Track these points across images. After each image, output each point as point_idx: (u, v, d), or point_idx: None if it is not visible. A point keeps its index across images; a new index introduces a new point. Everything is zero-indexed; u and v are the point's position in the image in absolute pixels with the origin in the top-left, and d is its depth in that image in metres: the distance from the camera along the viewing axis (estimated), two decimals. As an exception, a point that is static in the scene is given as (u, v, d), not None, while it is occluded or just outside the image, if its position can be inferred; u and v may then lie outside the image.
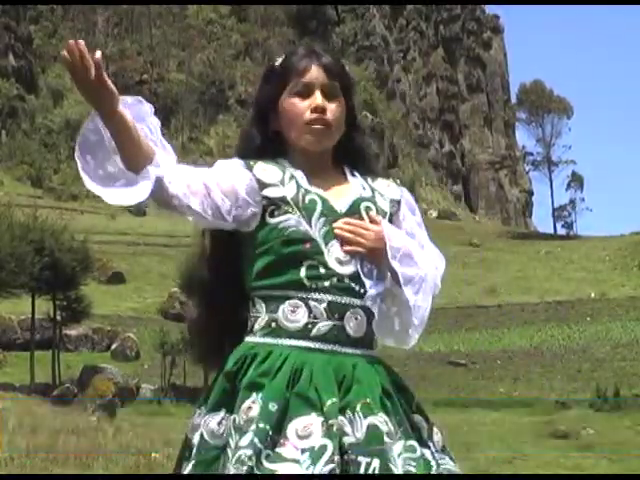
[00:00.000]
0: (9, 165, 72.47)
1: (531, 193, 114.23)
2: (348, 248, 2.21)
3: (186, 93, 63.52)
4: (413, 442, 2.19)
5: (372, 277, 2.27)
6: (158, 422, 21.07)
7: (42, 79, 63.88)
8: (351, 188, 2.34)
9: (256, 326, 2.29)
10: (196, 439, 2.20)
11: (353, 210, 2.28)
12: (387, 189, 2.38)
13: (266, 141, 2.37)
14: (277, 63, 2.39)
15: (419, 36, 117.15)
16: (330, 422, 2.11)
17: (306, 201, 2.27)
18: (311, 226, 2.25)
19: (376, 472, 2.11)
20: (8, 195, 60.14)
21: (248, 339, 2.27)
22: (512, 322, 48.36)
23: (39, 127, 71.41)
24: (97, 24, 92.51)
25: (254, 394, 2.16)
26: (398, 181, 2.43)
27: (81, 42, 2.17)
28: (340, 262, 2.26)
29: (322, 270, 2.25)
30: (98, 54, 2.18)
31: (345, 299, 2.26)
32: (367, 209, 2.29)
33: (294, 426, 2.12)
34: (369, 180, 2.36)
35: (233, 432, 2.15)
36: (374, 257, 2.21)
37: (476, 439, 11.24)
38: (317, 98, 2.29)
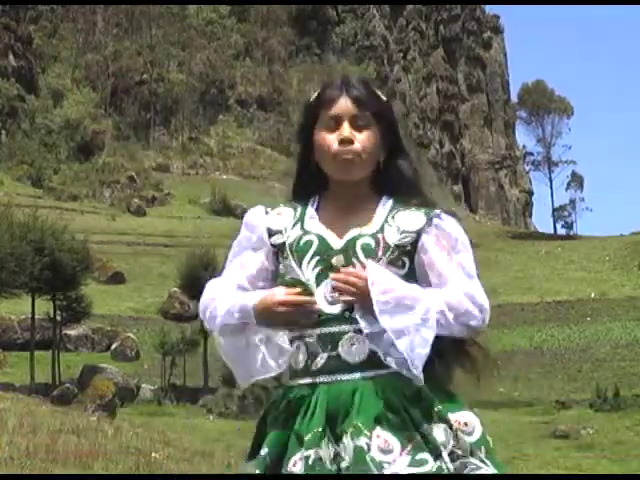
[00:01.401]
0: (9, 165, 72.43)
1: (531, 193, 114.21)
2: (343, 298, 2.23)
3: (186, 93, 63.56)
4: (424, 455, 2.20)
5: (368, 314, 2.28)
6: (158, 422, 21.07)
7: (42, 79, 63.90)
8: (367, 223, 2.35)
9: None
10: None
11: (348, 247, 2.29)
12: (407, 220, 2.36)
13: (309, 175, 2.40)
14: (311, 98, 2.42)
15: (419, 36, 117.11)
16: (306, 454, 2.15)
17: (301, 243, 2.31)
18: (302, 269, 2.28)
19: None
20: (8, 195, 60.11)
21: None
22: (512, 322, 48.35)
23: (39, 127, 71.36)
24: (97, 24, 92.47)
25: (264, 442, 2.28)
26: (437, 211, 2.40)
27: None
28: (330, 302, 2.29)
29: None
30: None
31: (335, 328, 2.28)
32: (365, 246, 2.30)
33: (287, 465, 2.19)
34: (395, 211, 2.36)
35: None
36: (367, 305, 2.23)
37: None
38: (344, 130, 2.31)
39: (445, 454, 2.22)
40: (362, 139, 2.33)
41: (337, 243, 2.31)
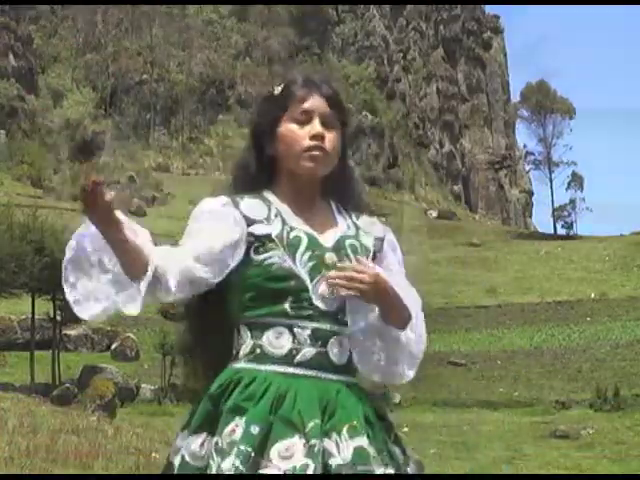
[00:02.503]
0: (9, 165, 72.43)
1: (531, 193, 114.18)
2: (345, 292, 2.21)
3: (186, 93, 63.57)
4: (390, 471, 2.22)
5: (358, 312, 2.28)
6: (158, 422, 21.07)
7: (42, 79, 63.91)
8: (337, 224, 2.35)
9: (241, 352, 2.31)
10: (177, 461, 2.24)
11: (339, 246, 2.29)
12: (371, 227, 2.39)
13: (260, 168, 2.38)
14: (276, 91, 2.41)
15: (419, 36, 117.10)
16: (311, 443, 2.13)
17: (290, 237, 2.30)
18: (295, 263, 2.27)
19: None
20: (8, 195, 60.13)
21: (233, 365, 2.29)
22: (512, 322, 48.32)
23: (39, 127, 71.35)
24: (97, 24, 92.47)
25: (237, 418, 2.18)
26: (383, 219, 2.45)
27: (100, 182, 2.09)
28: (324, 299, 2.29)
29: (305, 304, 2.27)
30: (110, 195, 2.09)
31: (328, 326, 2.28)
32: (352, 247, 2.31)
33: (277, 448, 2.14)
34: (354, 217, 2.38)
35: (214, 454, 2.18)
36: (373, 297, 2.22)
37: (476, 439, 11.22)
38: (316, 126, 2.31)
39: (410, 471, 2.25)
40: (331, 138, 2.34)
41: (326, 241, 2.31)
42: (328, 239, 2.33)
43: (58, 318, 32.58)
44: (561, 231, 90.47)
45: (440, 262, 61.44)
